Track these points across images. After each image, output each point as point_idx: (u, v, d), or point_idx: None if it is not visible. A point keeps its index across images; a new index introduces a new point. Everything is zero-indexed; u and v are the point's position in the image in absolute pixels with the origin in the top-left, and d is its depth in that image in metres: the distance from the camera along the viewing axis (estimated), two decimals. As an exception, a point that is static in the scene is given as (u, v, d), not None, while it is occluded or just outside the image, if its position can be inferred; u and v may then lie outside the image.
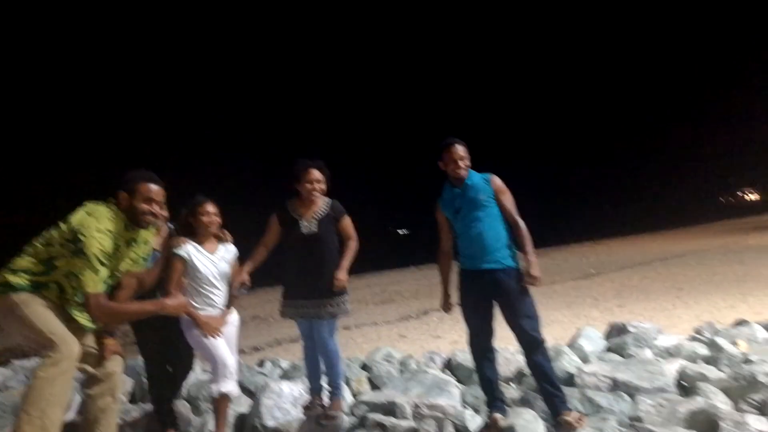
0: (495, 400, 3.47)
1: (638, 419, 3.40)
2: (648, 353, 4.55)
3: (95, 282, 2.65)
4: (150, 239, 3.14)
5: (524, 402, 3.80)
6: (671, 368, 4.04)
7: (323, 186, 3.71)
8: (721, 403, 3.57)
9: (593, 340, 4.95)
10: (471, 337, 3.56)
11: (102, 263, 2.67)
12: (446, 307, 3.72)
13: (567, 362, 4.35)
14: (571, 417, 3.16)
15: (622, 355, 4.60)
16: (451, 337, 7.66)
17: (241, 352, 8.62)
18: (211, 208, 3.59)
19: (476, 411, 3.82)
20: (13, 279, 2.72)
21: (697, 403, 3.40)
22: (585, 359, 4.56)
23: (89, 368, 2.92)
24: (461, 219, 3.50)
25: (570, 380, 4.06)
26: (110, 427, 2.95)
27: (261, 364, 5.37)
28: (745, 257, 13.46)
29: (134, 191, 2.88)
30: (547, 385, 3.31)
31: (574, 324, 7.33)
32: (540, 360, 3.32)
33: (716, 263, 12.94)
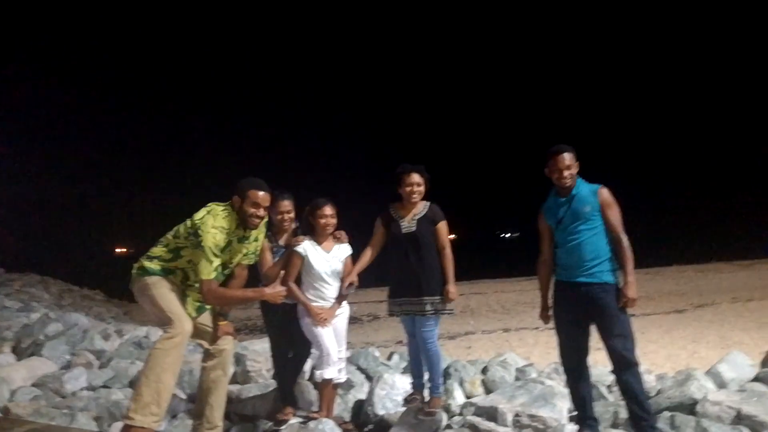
0: (586, 419, 3.36)
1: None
2: (806, 388, 3.96)
3: (209, 270, 3.18)
4: (260, 237, 3.61)
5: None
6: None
7: (422, 189, 3.91)
8: None
9: (739, 367, 4.42)
10: (561, 350, 3.48)
11: (215, 255, 3.20)
12: (544, 317, 3.67)
13: (696, 388, 3.97)
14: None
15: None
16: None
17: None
18: (328, 210, 3.97)
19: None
20: (148, 264, 3.37)
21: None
22: (721, 387, 4.13)
23: (205, 344, 3.49)
24: (563, 229, 3.44)
25: (692, 408, 3.74)
26: (220, 396, 3.48)
27: (390, 356, 5.70)
28: None
29: (245, 196, 3.35)
30: (635, 406, 3.14)
31: (761, 348, 6.47)
32: (629, 381, 3.16)
33: None
